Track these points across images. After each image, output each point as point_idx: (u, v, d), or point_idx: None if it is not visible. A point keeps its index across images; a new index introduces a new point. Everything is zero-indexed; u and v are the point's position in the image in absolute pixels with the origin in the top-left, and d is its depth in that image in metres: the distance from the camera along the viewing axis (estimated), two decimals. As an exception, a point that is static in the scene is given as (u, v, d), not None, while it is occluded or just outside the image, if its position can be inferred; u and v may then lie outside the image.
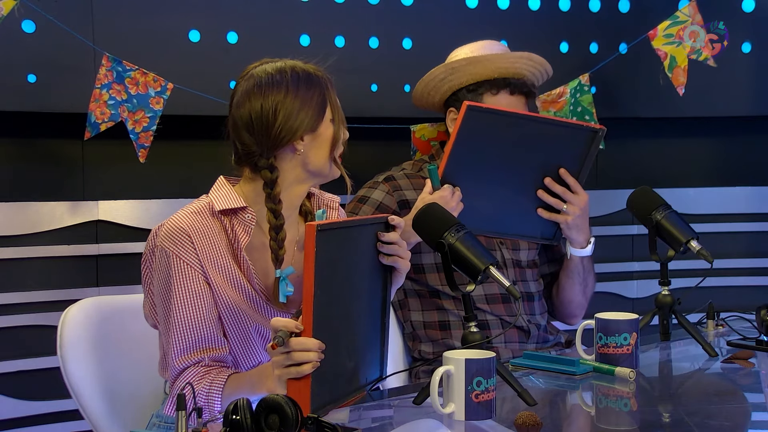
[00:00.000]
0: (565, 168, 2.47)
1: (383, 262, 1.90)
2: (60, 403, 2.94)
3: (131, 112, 2.85)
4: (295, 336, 1.67)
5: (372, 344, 1.92)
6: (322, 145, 2.00)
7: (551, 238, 2.57)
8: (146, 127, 2.86)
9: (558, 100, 3.24)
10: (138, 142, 2.87)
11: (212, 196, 2.00)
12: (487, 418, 1.74)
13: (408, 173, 2.71)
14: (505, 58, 2.66)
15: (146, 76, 2.86)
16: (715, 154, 3.84)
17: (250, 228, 1.98)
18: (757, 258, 3.75)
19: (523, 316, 2.64)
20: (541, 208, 2.50)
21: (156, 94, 2.87)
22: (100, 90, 2.82)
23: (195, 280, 1.93)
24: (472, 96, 2.64)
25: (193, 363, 1.93)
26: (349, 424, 1.76)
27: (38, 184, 3.04)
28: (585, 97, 3.25)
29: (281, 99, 1.96)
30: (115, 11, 2.95)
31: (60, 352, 2.12)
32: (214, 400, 1.88)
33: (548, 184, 2.47)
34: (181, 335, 1.92)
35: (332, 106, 2.02)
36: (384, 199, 2.63)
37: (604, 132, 2.46)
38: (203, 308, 1.93)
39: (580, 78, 3.25)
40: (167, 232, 1.95)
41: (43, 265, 2.99)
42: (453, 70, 2.67)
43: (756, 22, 3.63)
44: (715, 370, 2.20)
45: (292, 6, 3.17)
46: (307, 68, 2.02)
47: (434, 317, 2.64)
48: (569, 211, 2.49)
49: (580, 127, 2.50)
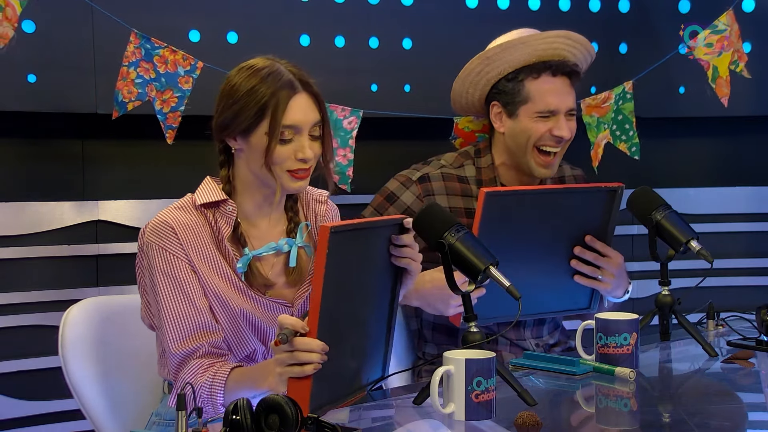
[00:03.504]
0: (589, 232, 2.41)
1: (396, 264, 1.90)
2: (61, 403, 2.94)
3: (159, 91, 2.78)
4: (300, 336, 1.68)
5: (377, 345, 1.92)
6: (255, 152, 1.96)
7: (587, 308, 2.50)
8: (174, 107, 2.79)
9: (602, 105, 3.18)
10: (166, 123, 2.80)
11: (196, 193, 2.04)
12: (487, 418, 1.74)
13: (446, 173, 2.57)
14: (542, 39, 2.51)
15: (175, 54, 2.79)
16: (715, 154, 3.84)
17: (231, 219, 2.00)
18: (757, 258, 3.76)
19: (530, 340, 2.61)
20: (578, 276, 2.42)
21: (185, 73, 2.80)
22: (127, 68, 2.75)
23: (181, 269, 1.95)
24: (513, 85, 2.53)
25: (191, 350, 1.94)
26: (349, 424, 1.76)
27: (38, 184, 3.04)
28: (627, 105, 3.18)
29: (228, 91, 1.98)
30: (115, 11, 2.95)
31: (61, 351, 2.13)
32: (217, 394, 1.89)
33: (578, 253, 2.40)
34: (174, 323, 1.94)
35: (273, 120, 1.92)
36: (413, 204, 2.51)
37: (623, 189, 2.39)
38: (192, 294, 1.95)
39: (624, 85, 3.21)
40: (152, 228, 1.98)
41: (43, 265, 2.99)
42: (488, 60, 2.54)
43: (756, 22, 3.63)
44: (715, 370, 2.20)
45: (292, 6, 3.18)
46: (272, 70, 1.96)
47: (445, 321, 2.60)
48: (605, 278, 2.42)
49: (597, 189, 2.41)
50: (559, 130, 2.50)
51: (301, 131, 1.95)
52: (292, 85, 1.95)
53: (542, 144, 2.52)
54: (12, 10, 2.54)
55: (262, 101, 1.93)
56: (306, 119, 1.96)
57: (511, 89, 2.53)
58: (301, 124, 1.95)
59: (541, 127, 2.51)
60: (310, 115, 1.96)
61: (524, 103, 2.51)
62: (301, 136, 1.96)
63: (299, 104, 1.95)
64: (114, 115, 2.78)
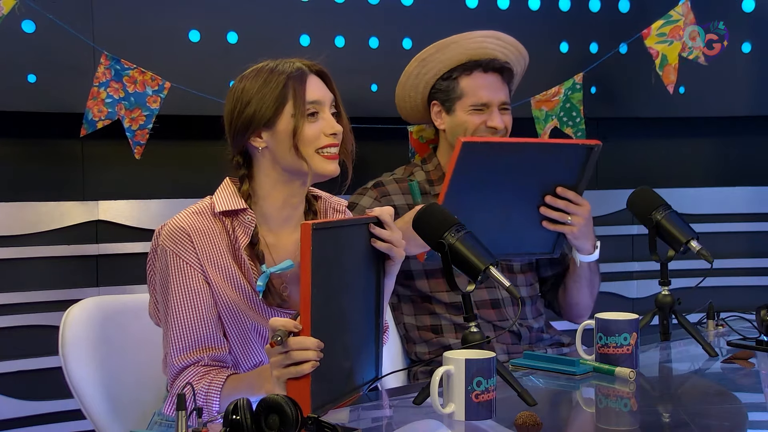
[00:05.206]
0: (562, 185, 2.46)
1: (378, 248, 1.90)
2: (61, 403, 2.94)
3: (128, 110, 2.87)
4: (294, 336, 1.68)
5: (368, 343, 1.92)
6: (284, 140, 1.96)
7: (550, 252, 2.56)
8: (142, 125, 2.88)
9: (552, 99, 3.25)
10: (134, 140, 2.88)
11: (215, 197, 2.01)
12: (487, 418, 1.74)
13: (397, 178, 2.73)
14: (471, 39, 2.68)
15: (144, 74, 2.87)
16: (715, 154, 3.84)
17: (249, 229, 1.99)
18: (757, 258, 3.76)
19: (512, 320, 2.64)
20: (546, 221, 2.48)
21: (153, 92, 2.88)
22: (98, 88, 2.83)
23: (194, 279, 1.94)
24: (448, 83, 2.68)
25: (192, 362, 1.93)
26: (349, 424, 1.76)
27: (38, 184, 3.04)
28: (575, 95, 3.26)
29: (239, 95, 1.97)
30: (115, 11, 2.96)
31: (62, 351, 2.13)
32: (213, 400, 1.88)
33: (549, 201, 2.46)
34: (179, 334, 1.93)
35: (296, 100, 1.95)
36: (371, 206, 2.61)
37: (600, 147, 2.43)
38: (202, 307, 1.94)
39: (574, 78, 3.26)
40: (168, 232, 1.96)
41: (43, 265, 2.99)
42: (423, 61, 2.70)
43: (756, 22, 3.63)
44: (715, 370, 2.20)
45: (292, 6, 3.18)
46: (277, 64, 1.99)
47: (426, 321, 2.65)
48: (574, 222, 2.48)
49: (575, 146, 2.47)
50: (492, 121, 2.64)
51: (323, 107, 1.98)
52: (301, 69, 1.98)
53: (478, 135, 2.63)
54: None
55: (280, 87, 1.95)
56: (326, 95, 2.00)
57: (446, 87, 2.69)
58: (323, 99, 1.98)
59: (476, 120, 2.65)
60: (327, 92, 2.01)
61: (459, 99, 2.67)
62: (323, 113, 1.98)
63: (315, 82, 1.99)
64: (82, 132, 2.83)
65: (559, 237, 2.53)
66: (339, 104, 2.03)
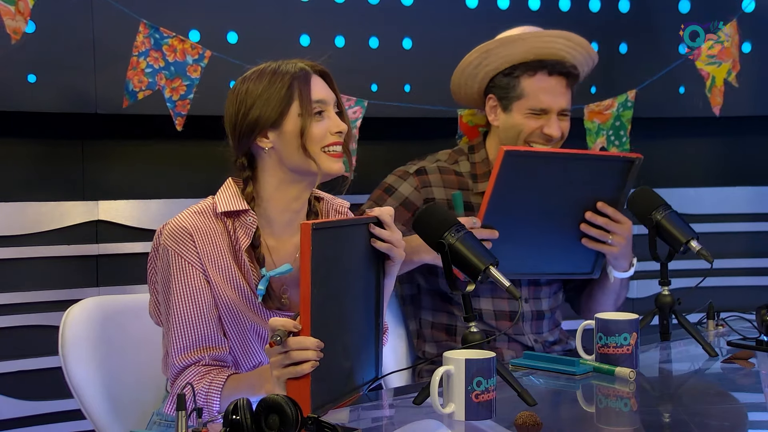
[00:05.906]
0: (602, 199, 2.42)
1: (377, 248, 1.90)
2: (61, 403, 2.94)
3: (169, 79, 2.82)
4: (293, 335, 1.68)
5: (367, 343, 1.92)
6: (291, 140, 1.96)
7: (590, 272, 2.52)
8: (183, 95, 2.84)
9: (605, 112, 3.21)
10: (175, 110, 2.84)
11: (217, 198, 2.01)
12: (487, 418, 1.74)
13: (442, 166, 2.60)
14: (539, 37, 2.54)
15: (184, 43, 2.83)
16: (715, 154, 3.84)
17: (250, 230, 1.99)
18: (757, 258, 3.76)
19: (529, 335, 2.61)
20: (586, 239, 2.45)
21: (194, 61, 2.84)
22: (137, 58, 2.79)
23: (195, 278, 1.94)
24: (509, 80, 2.56)
25: (193, 362, 1.93)
26: (349, 424, 1.76)
27: (38, 184, 3.04)
28: (626, 113, 3.23)
29: (242, 97, 1.97)
30: (115, 11, 2.95)
31: (62, 351, 2.13)
32: (213, 401, 1.88)
33: (590, 217, 2.42)
34: (180, 333, 1.93)
35: (302, 99, 1.95)
36: (411, 195, 2.55)
37: (641, 161, 2.41)
38: (203, 306, 1.94)
39: (627, 93, 3.24)
40: (170, 231, 1.96)
41: (43, 265, 2.99)
42: (486, 53, 2.57)
43: (756, 22, 3.63)
44: (715, 370, 2.20)
45: (292, 6, 3.18)
46: (279, 65, 1.99)
47: (443, 319, 2.61)
48: (615, 242, 2.44)
49: (616, 158, 2.44)
50: (550, 128, 2.53)
51: (328, 106, 1.99)
52: (304, 69, 1.99)
53: (532, 141, 2.56)
54: (24, 4, 2.55)
55: (285, 87, 1.95)
56: (329, 94, 2.00)
57: (506, 84, 2.56)
58: (327, 99, 1.99)
59: (533, 124, 2.54)
60: (330, 92, 2.01)
61: (518, 99, 2.55)
62: (328, 112, 1.99)
63: (318, 82, 2.00)
64: (124, 104, 2.80)
65: (599, 255, 2.50)
66: (341, 104, 2.04)
